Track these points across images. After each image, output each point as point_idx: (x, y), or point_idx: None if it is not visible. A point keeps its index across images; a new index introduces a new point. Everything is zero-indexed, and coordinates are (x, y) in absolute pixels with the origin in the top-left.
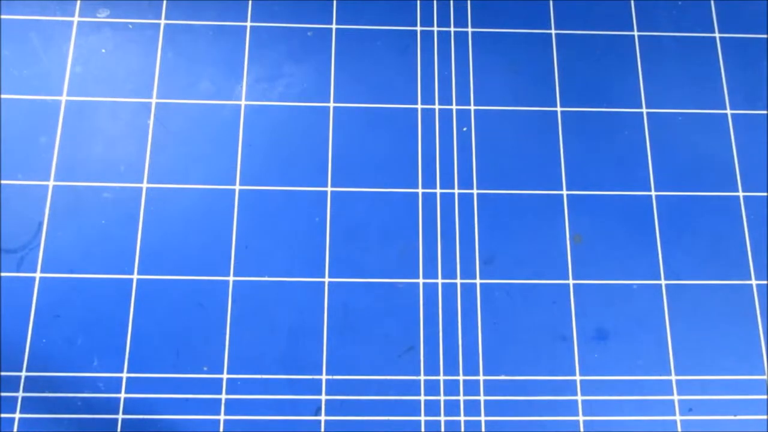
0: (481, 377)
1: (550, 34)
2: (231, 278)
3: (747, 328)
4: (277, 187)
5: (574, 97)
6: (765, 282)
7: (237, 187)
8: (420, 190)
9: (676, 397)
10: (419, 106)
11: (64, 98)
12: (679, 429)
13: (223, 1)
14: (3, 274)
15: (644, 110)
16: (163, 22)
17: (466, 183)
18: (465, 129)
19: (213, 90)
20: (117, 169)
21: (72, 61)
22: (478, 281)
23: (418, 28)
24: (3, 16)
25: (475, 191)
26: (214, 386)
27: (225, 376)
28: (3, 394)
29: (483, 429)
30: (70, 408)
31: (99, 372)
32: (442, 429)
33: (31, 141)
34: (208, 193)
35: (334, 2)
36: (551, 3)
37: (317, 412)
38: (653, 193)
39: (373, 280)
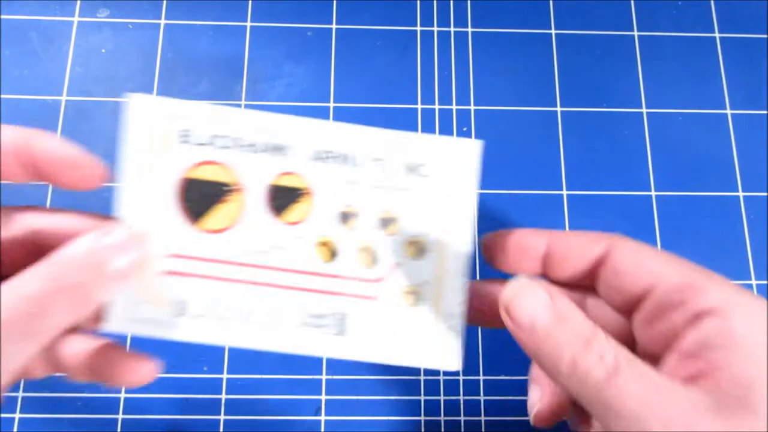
0: (481, 377)
1: (550, 34)
2: None
3: None
4: None
5: (574, 97)
6: (765, 282)
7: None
8: None
9: None
10: (419, 106)
11: (64, 98)
12: None
13: (223, 1)
14: None
15: (644, 110)
16: (163, 22)
17: None
18: (465, 129)
19: (213, 90)
20: (117, 169)
21: (72, 61)
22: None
23: (418, 28)
24: (3, 16)
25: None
26: (214, 386)
27: (225, 376)
28: (3, 394)
29: (483, 429)
30: (70, 408)
31: None
32: (442, 429)
33: None
34: None
35: (334, 2)
36: (551, 3)
37: (317, 412)
38: (653, 193)
39: None
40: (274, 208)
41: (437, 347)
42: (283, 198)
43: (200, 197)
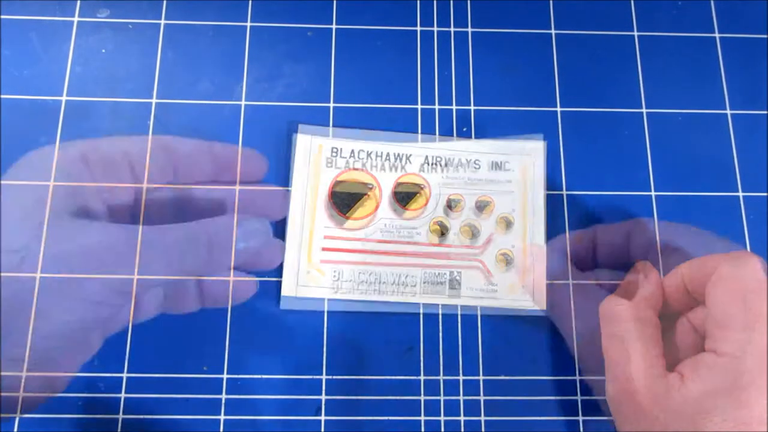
0: (481, 377)
1: (550, 34)
2: (231, 278)
3: None
4: (276, 187)
5: (574, 97)
6: None
7: (237, 187)
8: None
9: None
10: (419, 106)
11: (64, 98)
12: None
13: (223, 1)
14: (3, 274)
15: (644, 110)
16: (163, 22)
17: None
18: (465, 129)
19: (213, 90)
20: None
21: (72, 61)
22: None
23: (418, 28)
24: (3, 16)
25: None
26: (214, 386)
27: (225, 376)
28: (3, 394)
29: (483, 429)
30: (70, 408)
31: (99, 372)
32: (442, 429)
33: (31, 141)
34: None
35: (334, 2)
36: (551, 3)
37: (317, 412)
38: (653, 193)
39: None
40: (399, 201)
41: (527, 293)
42: (405, 193)
43: (347, 196)
